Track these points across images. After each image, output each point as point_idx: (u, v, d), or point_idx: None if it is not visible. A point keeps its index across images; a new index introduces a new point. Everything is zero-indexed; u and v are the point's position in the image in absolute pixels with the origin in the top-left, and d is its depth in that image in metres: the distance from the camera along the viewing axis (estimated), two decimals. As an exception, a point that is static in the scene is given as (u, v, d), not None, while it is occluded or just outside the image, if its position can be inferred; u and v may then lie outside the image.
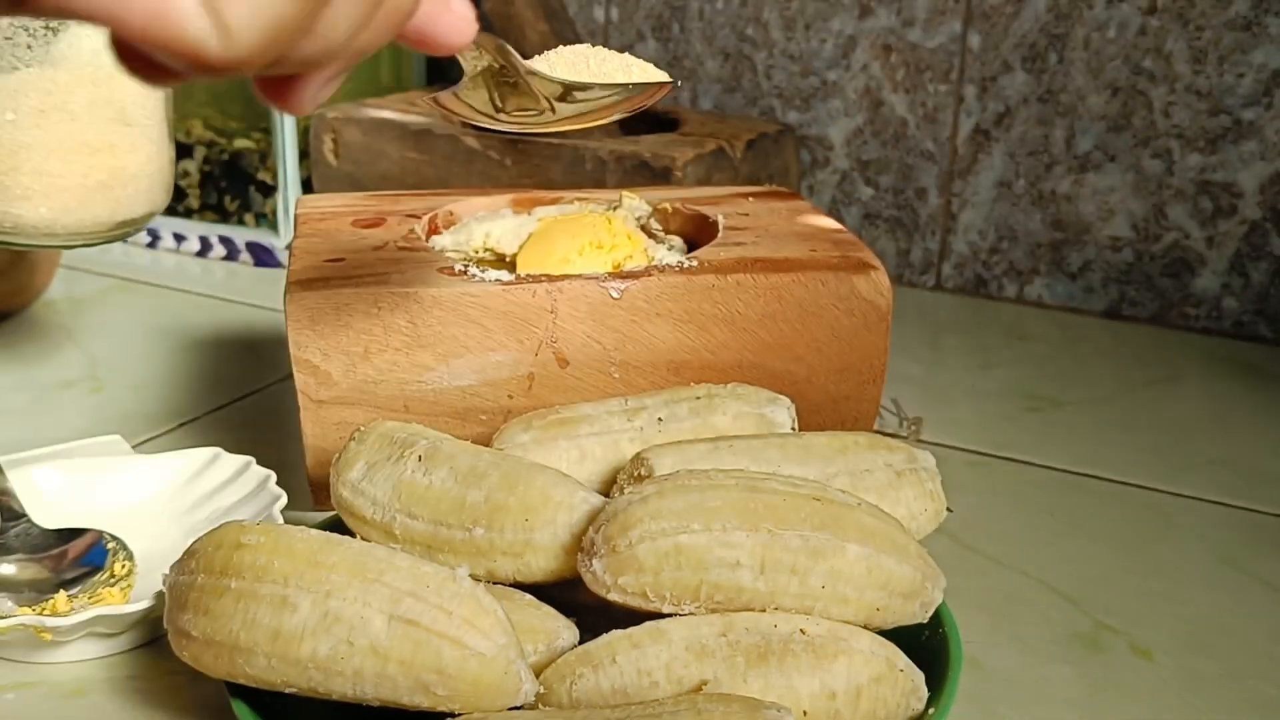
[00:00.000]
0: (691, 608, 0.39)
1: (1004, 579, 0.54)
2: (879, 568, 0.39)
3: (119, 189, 0.62)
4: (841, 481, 0.45)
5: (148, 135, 0.63)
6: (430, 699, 0.37)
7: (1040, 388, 0.76)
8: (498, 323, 0.53)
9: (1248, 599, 0.53)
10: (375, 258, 0.56)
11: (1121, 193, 0.88)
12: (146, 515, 0.55)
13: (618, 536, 0.38)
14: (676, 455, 0.45)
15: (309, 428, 0.54)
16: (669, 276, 0.55)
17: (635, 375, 0.55)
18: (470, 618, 0.37)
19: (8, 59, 0.58)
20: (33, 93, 0.58)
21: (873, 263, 0.57)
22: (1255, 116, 0.83)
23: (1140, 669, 0.48)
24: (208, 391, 0.72)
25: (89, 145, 0.60)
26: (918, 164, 0.94)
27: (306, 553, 0.38)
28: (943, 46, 0.91)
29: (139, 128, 0.62)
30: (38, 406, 0.69)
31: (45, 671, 0.46)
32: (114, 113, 0.61)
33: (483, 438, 0.53)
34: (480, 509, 0.42)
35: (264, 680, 0.38)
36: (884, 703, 0.38)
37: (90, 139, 0.60)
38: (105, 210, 0.62)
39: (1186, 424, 0.71)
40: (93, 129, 0.60)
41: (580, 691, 0.37)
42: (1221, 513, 0.61)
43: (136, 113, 0.62)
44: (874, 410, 0.59)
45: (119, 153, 0.61)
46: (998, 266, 0.93)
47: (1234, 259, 0.86)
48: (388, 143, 0.87)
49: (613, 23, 1.03)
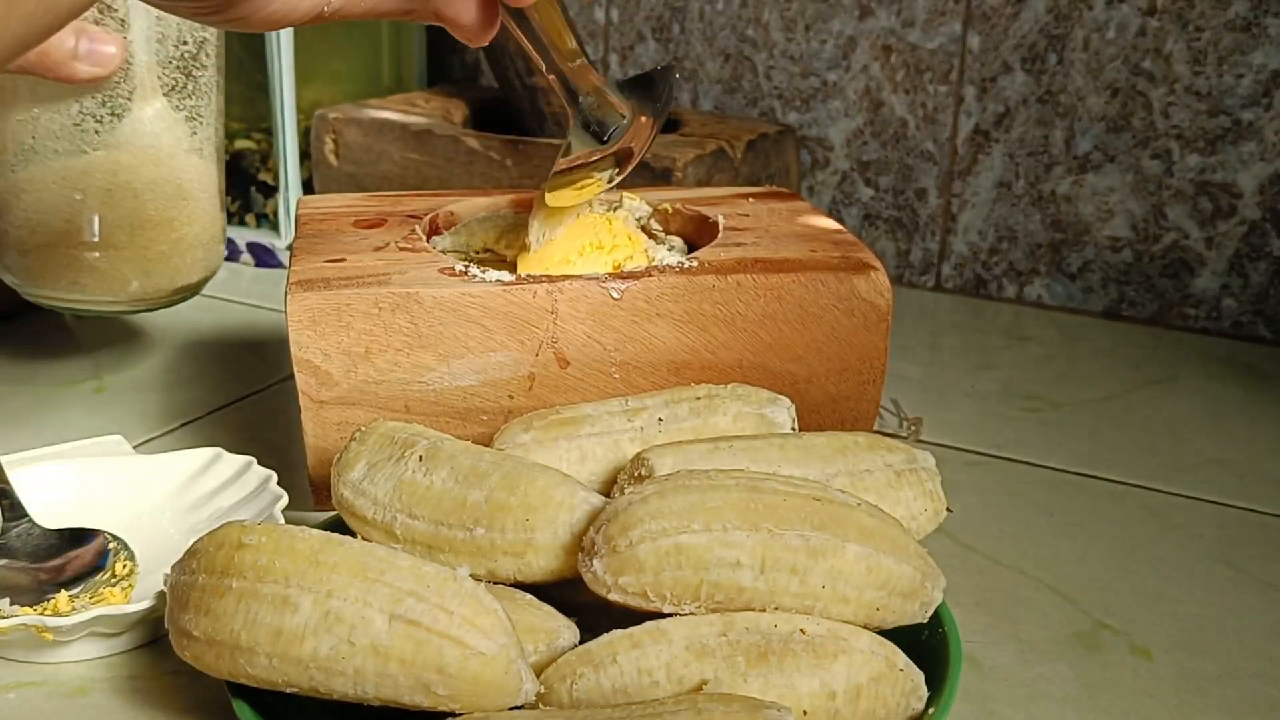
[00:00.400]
0: (692, 607, 0.39)
1: (1003, 578, 0.55)
2: (879, 567, 0.40)
3: (178, 258, 0.66)
4: (841, 482, 0.45)
5: (203, 207, 0.67)
6: (431, 698, 0.37)
7: (1039, 388, 0.76)
8: (498, 323, 0.54)
9: (1246, 598, 0.54)
10: (376, 258, 0.56)
11: (1121, 193, 0.88)
12: (148, 515, 0.55)
13: (618, 536, 0.39)
14: (677, 455, 0.45)
15: (310, 428, 0.54)
16: (669, 277, 0.55)
17: (636, 375, 0.55)
18: (471, 617, 0.37)
19: (77, 143, 0.62)
20: (99, 174, 0.63)
21: (873, 263, 0.57)
22: (1255, 117, 0.83)
23: (1139, 668, 0.48)
24: (209, 392, 0.72)
25: (151, 220, 0.65)
26: (918, 164, 0.94)
27: (308, 552, 0.38)
28: (942, 47, 0.91)
29: (195, 201, 0.66)
30: (39, 406, 0.69)
31: (47, 671, 0.46)
32: (173, 189, 0.65)
33: (483, 438, 0.54)
34: (481, 509, 0.42)
35: (265, 680, 0.38)
36: (884, 702, 0.39)
37: (152, 214, 0.65)
38: (166, 278, 0.66)
39: (1185, 424, 0.71)
40: (154, 205, 0.64)
41: (581, 691, 0.38)
42: (1220, 513, 0.61)
43: (193, 188, 0.66)
44: (874, 410, 0.59)
45: (178, 225, 0.65)
46: (997, 267, 0.93)
47: (1233, 259, 0.86)
48: (389, 143, 0.87)
49: (613, 24, 1.03)
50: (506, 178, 0.83)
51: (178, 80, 0.64)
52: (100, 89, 0.61)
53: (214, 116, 0.67)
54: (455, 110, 0.94)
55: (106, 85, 0.61)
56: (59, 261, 0.64)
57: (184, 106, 0.65)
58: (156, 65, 0.63)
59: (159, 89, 0.63)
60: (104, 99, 0.62)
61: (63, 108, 0.62)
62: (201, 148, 0.66)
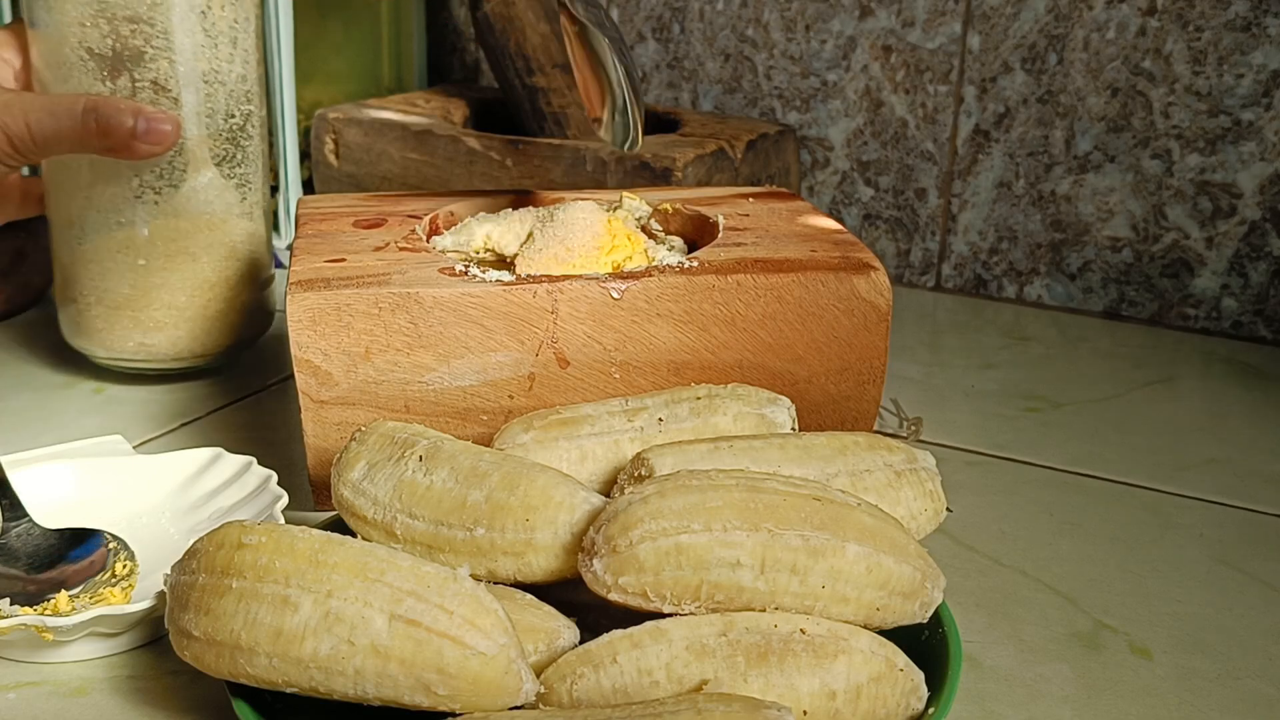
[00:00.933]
0: (692, 607, 0.39)
1: (1003, 578, 0.55)
2: (879, 567, 0.40)
3: (234, 315, 0.70)
4: (841, 481, 0.45)
5: (254, 267, 0.71)
6: (431, 698, 0.37)
7: (1039, 388, 0.76)
8: (498, 323, 0.54)
9: (1245, 598, 0.54)
10: (376, 258, 0.56)
11: (1121, 193, 0.88)
12: (148, 515, 0.55)
13: (618, 536, 0.39)
14: (677, 455, 0.45)
15: (310, 428, 0.54)
16: (669, 277, 0.55)
17: (636, 375, 0.55)
18: (471, 617, 0.37)
19: (140, 215, 0.66)
20: (160, 241, 0.68)
21: (873, 263, 0.57)
22: (1255, 117, 0.83)
23: (1139, 668, 0.48)
24: (209, 392, 0.72)
25: (208, 281, 0.69)
26: (918, 164, 0.94)
27: (308, 552, 0.38)
28: (942, 47, 0.91)
29: (247, 262, 0.70)
30: (39, 406, 0.69)
31: (47, 671, 0.46)
32: (227, 251, 0.69)
33: (483, 438, 0.54)
34: (481, 509, 0.42)
35: (265, 680, 0.38)
36: (884, 702, 0.39)
37: (209, 275, 0.69)
38: (223, 335, 0.71)
39: (1185, 424, 0.71)
40: (210, 267, 0.69)
41: (581, 691, 0.38)
42: (1220, 512, 0.61)
43: (244, 250, 0.70)
44: (874, 410, 0.59)
45: (233, 284, 0.70)
46: (997, 267, 0.93)
47: (1233, 259, 0.86)
48: (389, 144, 0.87)
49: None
50: (506, 178, 0.83)
51: (227, 150, 0.68)
52: (157, 162, 0.66)
53: (262, 183, 0.72)
54: (455, 110, 0.94)
55: (163, 159, 0.65)
56: (125, 325, 0.69)
57: (233, 174, 0.69)
58: (207, 138, 0.67)
59: (210, 159, 0.67)
60: (161, 171, 0.66)
61: (123, 182, 0.66)
62: (251, 211, 0.71)
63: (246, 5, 0.67)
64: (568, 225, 0.58)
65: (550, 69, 0.87)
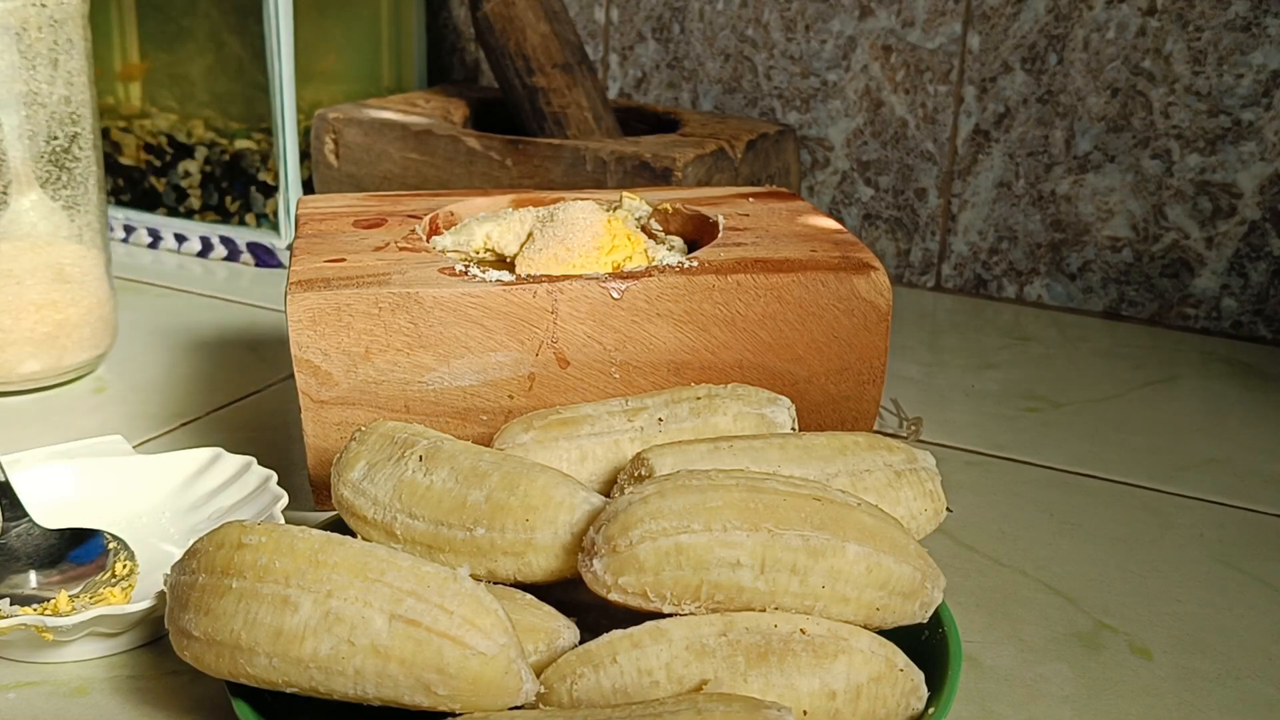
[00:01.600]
0: (692, 607, 0.39)
1: (1003, 578, 0.55)
2: (879, 567, 0.40)
3: (63, 338, 0.70)
4: (841, 481, 0.45)
5: (86, 290, 0.71)
6: (431, 698, 0.37)
7: (1039, 388, 0.76)
8: (498, 323, 0.54)
9: (1245, 598, 0.54)
10: (376, 258, 0.56)
11: (1121, 193, 0.88)
12: (148, 515, 0.55)
13: (618, 536, 0.39)
14: (677, 455, 0.45)
15: (310, 428, 0.54)
16: (669, 277, 0.55)
17: (636, 375, 0.55)
18: (471, 617, 0.37)
19: None
20: None
21: (873, 263, 0.57)
22: (1254, 117, 0.83)
23: (1139, 668, 0.48)
24: (209, 392, 0.72)
25: (34, 303, 0.69)
26: (917, 164, 0.94)
27: (308, 552, 0.38)
28: (942, 47, 0.91)
29: (77, 284, 0.70)
30: (40, 406, 0.69)
31: (47, 671, 0.46)
32: (53, 274, 0.69)
33: (483, 438, 0.54)
34: (481, 509, 0.42)
35: (265, 680, 0.38)
36: (884, 702, 0.39)
37: (34, 298, 0.69)
38: (53, 358, 0.70)
39: (1185, 424, 0.71)
40: (36, 289, 0.69)
41: (581, 691, 0.38)
42: (1220, 512, 0.61)
43: (74, 271, 0.70)
44: (874, 410, 0.59)
45: (61, 307, 0.70)
46: (997, 267, 0.93)
47: (1233, 259, 0.86)
48: (389, 144, 0.87)
49: (613, 24, 1.03)
50: (506, 178, 0.83)
51: (51, 172, 0.68)
52: None
53: (94, 204, 0.71)
54: (455, 110, 0.94)
55: None
56: None
57: (59, 196, 0.69)
58: (30, 160, 0.67)
59: (34, 181, 0.67)
60: None
61: None
62: (81, 233, 0.70)
63: (69, 28, 0.67)
64: (568, 225, 0.58)
65: (550, 69, 0.87)
